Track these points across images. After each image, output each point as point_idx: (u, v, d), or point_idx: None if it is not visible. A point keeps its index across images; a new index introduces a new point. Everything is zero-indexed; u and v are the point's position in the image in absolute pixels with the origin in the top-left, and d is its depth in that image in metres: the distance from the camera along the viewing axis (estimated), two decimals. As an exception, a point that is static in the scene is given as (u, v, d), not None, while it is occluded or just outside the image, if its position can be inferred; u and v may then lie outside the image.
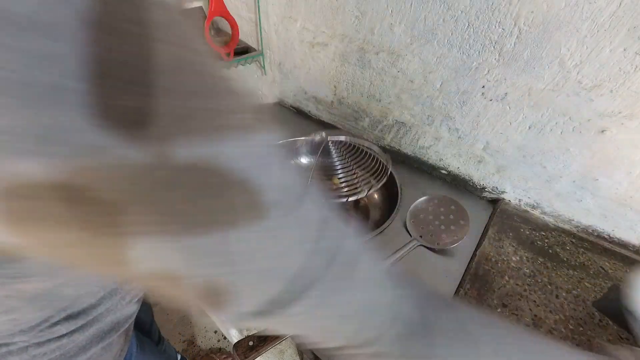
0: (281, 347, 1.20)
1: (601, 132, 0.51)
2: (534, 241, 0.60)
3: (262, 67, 1.04)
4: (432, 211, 0.64)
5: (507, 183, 0.66)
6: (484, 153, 0.66)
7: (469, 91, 0.61)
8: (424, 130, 0.74)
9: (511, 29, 0.51)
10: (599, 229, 0.60)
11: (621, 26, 0.43)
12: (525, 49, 0.51)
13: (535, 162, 0.60)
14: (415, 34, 0.63)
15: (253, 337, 0.42)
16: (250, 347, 0.41)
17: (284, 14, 0.85)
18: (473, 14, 0.54)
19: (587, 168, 0.55)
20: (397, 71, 0.70)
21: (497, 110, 0.60)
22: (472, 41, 0.56)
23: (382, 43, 0.69)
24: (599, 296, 0.51)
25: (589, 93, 0.49)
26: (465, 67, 0.60)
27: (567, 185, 0.59)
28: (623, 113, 0.48)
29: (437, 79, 0.65)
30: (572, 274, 0.54)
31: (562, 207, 0.62)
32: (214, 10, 0.86)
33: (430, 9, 0.59)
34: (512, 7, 0.50)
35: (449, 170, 0.75)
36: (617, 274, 0.54)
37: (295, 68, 0.93)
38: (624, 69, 0.45)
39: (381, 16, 0.66)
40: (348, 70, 0.80)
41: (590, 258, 0.57)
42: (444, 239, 0.59)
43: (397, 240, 0.60)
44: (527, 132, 0.58)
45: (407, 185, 0.72)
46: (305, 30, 0.83)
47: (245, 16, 0.96)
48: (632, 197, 0.53)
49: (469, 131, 0.66)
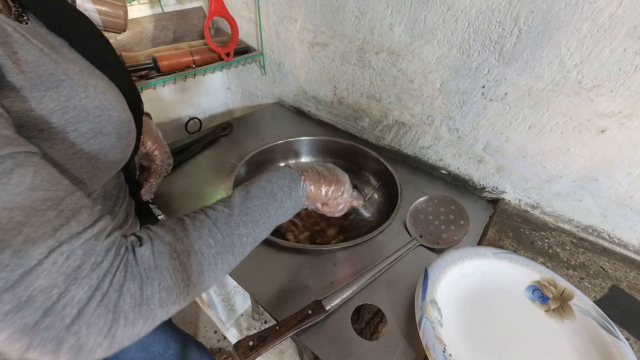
0: (281, 347, 1.20)
1: (601, 132, 0.51)
2: (534, 241, 0.60)
3: (262, 67, 1.04)
4: (432, 211, 0.64)
5: (507, 183, 0.66)
6: (484, 153, 0.66)
7: (469, 91, 0.61)
8: (424, 130, 0.74)
9: (511, 29, 0.51)
10: (599, 229, 0.60)
11: (621, 26, 0.43)
12: (525, 49, 0.51)
13: (535, 162, 0.60)
14: (415, 34, 0.63)
15: (253, 337, 0.42)
16: (250, 347, 0.41)
17: (284, 14, 0.85)
18: (473, 14, 0.54)
19: (587, 168, 0.55)
20: (397, 71, 0.70)
21: (497, 110, 0.60)
22: (472, 41, 0.56)
23: (382, 43, 0.69)
24: (599, 296, 0.51)
25: (589, 93, 0.49)
26: (465, 67, 0.60)
27: (567, 185, 0.59)
28: (623, 113, 0.48)
29: (437, 79, 0.65)
30: (572, 274, 0.54)
31: (562, 207, 0.62)
32: (214, 10, 0.86)
33: (430, 9, 0.59)
34: (512, 7, 0.50)
35: (449, 170, 0.75)
36: (617, 274, 0.54)
37: (295, 68, 0.93)
38: (624, 69, 0.45)
39: (381, 16, 0.66)
40: (348, 70, 0.80)
41: (590, 258, 0.57)
42: (444, 239, 0.59)
43: (397, 240, 0.60)
44: (527, 132, 0.58)
45: (407, 185, 0.72)
46: (305, 30, 0.83)
47: (245, 16, 0.96)
48: (632, 197, 0.53)
49: (469, 131, 0.66)
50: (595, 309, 0.44)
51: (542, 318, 0.47)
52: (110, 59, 0.42)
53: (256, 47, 1.00)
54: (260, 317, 1.25)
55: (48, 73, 0.29)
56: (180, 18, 0.96)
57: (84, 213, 0.25)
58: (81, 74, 0.33)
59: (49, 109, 0.29)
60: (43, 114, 0.28)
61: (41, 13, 0.34)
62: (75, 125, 0.31)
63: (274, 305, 0.49)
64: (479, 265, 0.51)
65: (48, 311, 0.21)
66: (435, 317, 0.43)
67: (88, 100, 0.32)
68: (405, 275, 0.53)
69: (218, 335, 1.27)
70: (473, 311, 0.47)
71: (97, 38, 0.42)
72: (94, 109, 0.33)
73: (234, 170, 0.73)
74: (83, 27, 0.40)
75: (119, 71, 0.42)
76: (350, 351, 0.43)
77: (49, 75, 0.29)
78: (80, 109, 0.31)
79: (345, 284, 0.50)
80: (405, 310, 0.48)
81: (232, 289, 1.10)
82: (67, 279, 0.22)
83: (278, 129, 0.92)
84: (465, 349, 0.43)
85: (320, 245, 0.58)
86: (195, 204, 0.66)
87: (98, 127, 0.33)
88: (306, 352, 0.46)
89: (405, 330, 0.46)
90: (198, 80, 1.14)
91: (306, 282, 0.52)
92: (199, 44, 0.95)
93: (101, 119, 0.34)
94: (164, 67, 0.82)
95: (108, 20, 0.61)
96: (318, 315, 0.45)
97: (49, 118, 0.29)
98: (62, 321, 0.22)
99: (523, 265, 0.50)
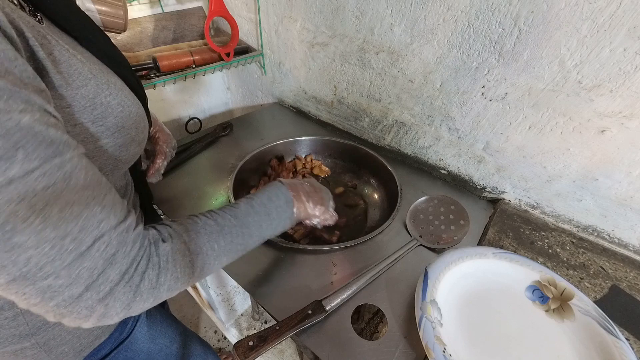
0: (281, 347, 1.20)
1: (601, 132, 0.51)
2: (534, 241, 0.60)
3: (262, 67, 1.04)
4: (432, 211, 0.64)
5: (507, 183, 0.66)
6: (484, 153, 0.66)
7: (469, 91, 0.61)
8: (424, 130, 0.74)
9: (511, 29, 0.51)
10: (599, 229, 0.60)
11: (621, 26, 0.43)
12: (525, 49, 0.51)
13: (535, 162, 0.60)
14: (415, 34, 0.63)
15: (253, 337, 0.42)
16: (250, 347, 0.41)
17: (284, 14, 0.85)
18: (473, 14, 0.54)
19: (587, 168, 0.55)
20: (397, 71, 0.70)
21: (497, 110, 0.60)
22: (472, 41, 0.56)
23: (382, 43, 0.69)
24: (599, 296, 0.51)
25: (589, 93, 0.49)
26: (465, 67, 0.60)
27: (567, 185, 0.59)
28: (623, 113, 0.48)
29: (437, 79, 0.65)
30: (572, 274, 0.54)
31: (562, 207, 0.62)
32: (214, 10, 0.86)
33: (430, 9, 0.59)
34: (512, 7, 0.50)
35: (449, 170, 0.75)
36: (617, 274, 0.54)
37: (295, 68, 0.93)
38: (624, 69, 0.45)
39: (381, 16, 0.66)
40: (348, 70, 0.80)
41: (590, 258, 0.57)
42: (444, 239, 0.59)
43: (397, 240, 0.60)
44: (527, 132, 0.58)
45: (407, 185, 0.72)
46: (305, 30, 0.83)
47: (245, 16, 0.96)
48: (632, 197, 0.53)
49: (469, 131, 0.66)
50: (595, 309, 0.44)
51: (542, 318, 0.47)
52: (118, 56, 0.43)
53: (256, 47, 1.00)
54: (260, 317, 1.25)
55: (78, 72, 0.31)
56: (180, 18, 0.96)
57: (118, 208, 0.29)
58: (102, 72, 0.35)
59: (80, 105, 0.31)
60: (76, 111, 0.31)
61: (52, 13, 0.35)
62: (102, 120, 0.34)
63: (274, 305, 0.49)
64: (479, 265, 0.51)
65: (89, 287, 0.26)
66: (435, 317, 0.43)
67: (111, 97, 0.35)
68: (405, 275, 0.53)
69: (218, 335, 1.27)
70: (473, 311, 0.47)
71: (103, 37, 0.43)
72: (117, 105, 0.35)
73: (234, 170, 0.73)
74: (90, 27, 0.41)
75: (127, 69, 0.43)
76: (350, 351, 0.43)
77: (79, 74, 0.31)
78: (105, 105, 0.34)
79: (345, 284, 0.50)
80: (405, 310, 0.48)
81: (232, 289, 1.10)
82: (105, 263, 0.27)
83: (278, 129, 0.92)
84: (465, 349, 0.43)
85: (320, 245, 0.58)
86: (195, 204, 0.66)
87: (121, 122, 0.36)
88: (306, 352, 0.46)
89: (405, 330, 0.46)
90: (198, 80, 1.14)
91: (306, 282, 0.52)
92: (199, 44, 0.95)
93: (123, 114, 0.36)
94: (164, 67, 0.82)
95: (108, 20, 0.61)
96: (318, 315, 0.45)
97: (80, 114, 0.32)
98: (97, 295, 0.27)
99: (523, 265, 0.50)
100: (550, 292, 0.48)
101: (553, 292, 0.48)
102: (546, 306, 0.47)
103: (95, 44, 0.39)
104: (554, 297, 0.47)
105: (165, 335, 0.61)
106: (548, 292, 0.48)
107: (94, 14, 0.58)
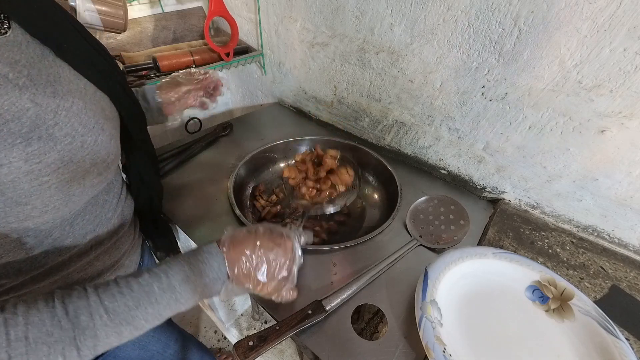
0: (281, 347, 1.20)
1: (601, 132, 0.51)
2: (534, 241, 0.60)
3: (262, 67, 1.04)
4: (432, 211, 0.64)
5: (507, 183, 0.66)
6: (484, 153, 0.66)
7: (469, 91, 0.61)
8: (424, 130, 0.74)
9: (511, 29, 0.51)
10: (599, 229, 0.60)
11: (621, 26, 0.43)
12: (525, 49, 0.51)
13: (535, 162, 0.60)
14: (415, 34, 0.63)
15: (253, 337, 0.42)
16: (250, 347, 0.41)
17: (284, 14, 0.85)
18: (473, 14, 0.54)
19: (587, 168, 0.55)
20: (397, 71, 0.70)
21: (497, 110, 0.60)
22: (472, 41, 0.56)
23: (382, 43, 0.69)
24: (599, 296, 0.51)
25: (589, 93, 0.49)
26: (465, 67, 0.60)
27: (567, 185, 0.59)
28: (623, 113, 0.48)
29: (437, 79, 0.65)
30: (572, 274, 0.54)
31: (562, 207, 0.62)
32: (214, 10, 0.86)
33: (430, 9, 0.59)
34: (512, 7, 0.50)
35: (449, 170, 0.75)
36: (617, 274, 0.54)
37: (295, 68, 0.93)
38: (624, 69, 0.45)
39: (381, 16, 0.66)
40: (348, 70, 0.80)
41: (590, 258, 0.57)
42: (444, 239, 0.59)
43: (397, 240, 0.60)
44: (527, 132, 0.58)
45: (407, 185, 0.72)
46: (305, 30, 0.83)
47: (245, 16, 0.96)
48: (632, 197, 0.53)
49: (469, 131, 0.66)
50: (595, 309, 0.44)
51: (542, 318, 0.47)
52: (99, 63, 0.40)
53: (256, 47, 1.00)
54: (260, 317, 1.25)
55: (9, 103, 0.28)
56: (180, 18, 0.96)
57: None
58: (54, 96, 0.32)
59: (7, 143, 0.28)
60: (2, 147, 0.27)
61: (24, 21, 0.32)
62: (40, 157, 0.30)
63: (274, 305, 0.49)
64: (479, 265, 0.51)
65: None
66: (435, 317, 0.43)
67: (56, 127, 0.31)
68: (405, 275, 0.53)
69: (218, 335, 1.27)
70: (473, 311, 0.47)
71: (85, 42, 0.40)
72: (63, 136, 0.32)
73: (234, 170, 0.73)
74: (71, 32, 0.38)
75: (110, 75, 0.40)
76: (350, 351, 0.43)
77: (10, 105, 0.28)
78: (46, 138, 0.30)
79: (345, 284, 0.50)
80: (405, 310, 0.48)
81: (232, 289, 1.10)
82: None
83: (278, 129, 0.92)
84: (465, 349, 0.43)
85: (320, 245, 0.58)
86: (195, 204, 0.66)
87: (68, 156, 0.32)
88: (306, 352, 0.46)
89: (405, 330, 0.46)
90: (198, 80, 1.13)
91: (306, 282, 0.52)
92: (199, 44, 0.95)
93: (72, 146, 0.32)
94: (164, 67, 0.82)
95: (108, 20, 0.61)
96: (318, 315, 0.45)
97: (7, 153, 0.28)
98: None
99: (523, 265, 0.50)
100: (550, 292, 0.48)
101: (553, 292, 0.48)
102: (546, 306, 0.47)
103: (72, 51, 0.36)
104: (554, 297, 0.47)
105: (157, 341, 0.59)
106: (548, 292, 0.48)
107: (93, 14, 0.58)
